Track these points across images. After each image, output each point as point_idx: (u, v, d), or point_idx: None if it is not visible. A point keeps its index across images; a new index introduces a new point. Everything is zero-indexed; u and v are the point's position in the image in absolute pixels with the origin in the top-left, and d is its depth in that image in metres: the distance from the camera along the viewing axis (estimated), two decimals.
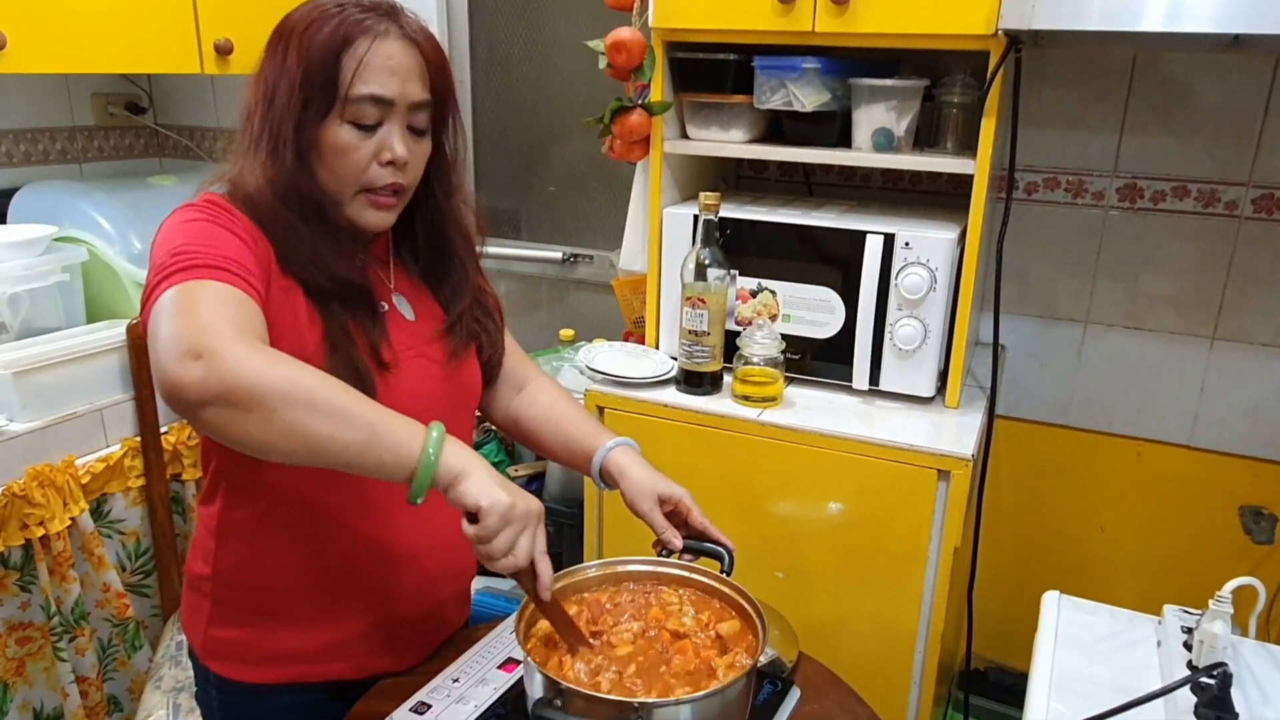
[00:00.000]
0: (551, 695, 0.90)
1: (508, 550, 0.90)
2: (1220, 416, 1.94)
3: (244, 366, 0.82)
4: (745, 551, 1.19)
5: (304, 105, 1.01)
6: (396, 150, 1.04)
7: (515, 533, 0.90)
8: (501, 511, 0.88)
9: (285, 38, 1.03)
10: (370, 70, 1.01)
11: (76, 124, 2.43)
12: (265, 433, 0.84)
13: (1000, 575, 2.15)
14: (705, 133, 1.83)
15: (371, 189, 1.06)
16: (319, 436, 0.84)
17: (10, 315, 1.84)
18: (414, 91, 1.05)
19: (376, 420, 0.87)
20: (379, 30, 1.02)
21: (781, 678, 1.17)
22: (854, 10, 1.56)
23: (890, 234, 1.62)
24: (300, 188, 1.03)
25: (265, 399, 0.82)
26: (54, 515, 1.69)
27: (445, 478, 0.89)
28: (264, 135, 1.03)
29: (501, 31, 2.48)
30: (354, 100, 1.01)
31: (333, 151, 1.03)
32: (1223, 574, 1.10)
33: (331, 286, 1.05)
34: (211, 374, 0.82)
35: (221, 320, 0.86)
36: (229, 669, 1.16)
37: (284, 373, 0.84)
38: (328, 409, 0.85)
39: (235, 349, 0.83)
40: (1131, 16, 1.35)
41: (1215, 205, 1.85)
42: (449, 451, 0.89)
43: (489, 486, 0.89)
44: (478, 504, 0.88)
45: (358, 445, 0.86)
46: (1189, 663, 1.05)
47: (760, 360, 1.68)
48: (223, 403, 0.82)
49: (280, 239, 1.03)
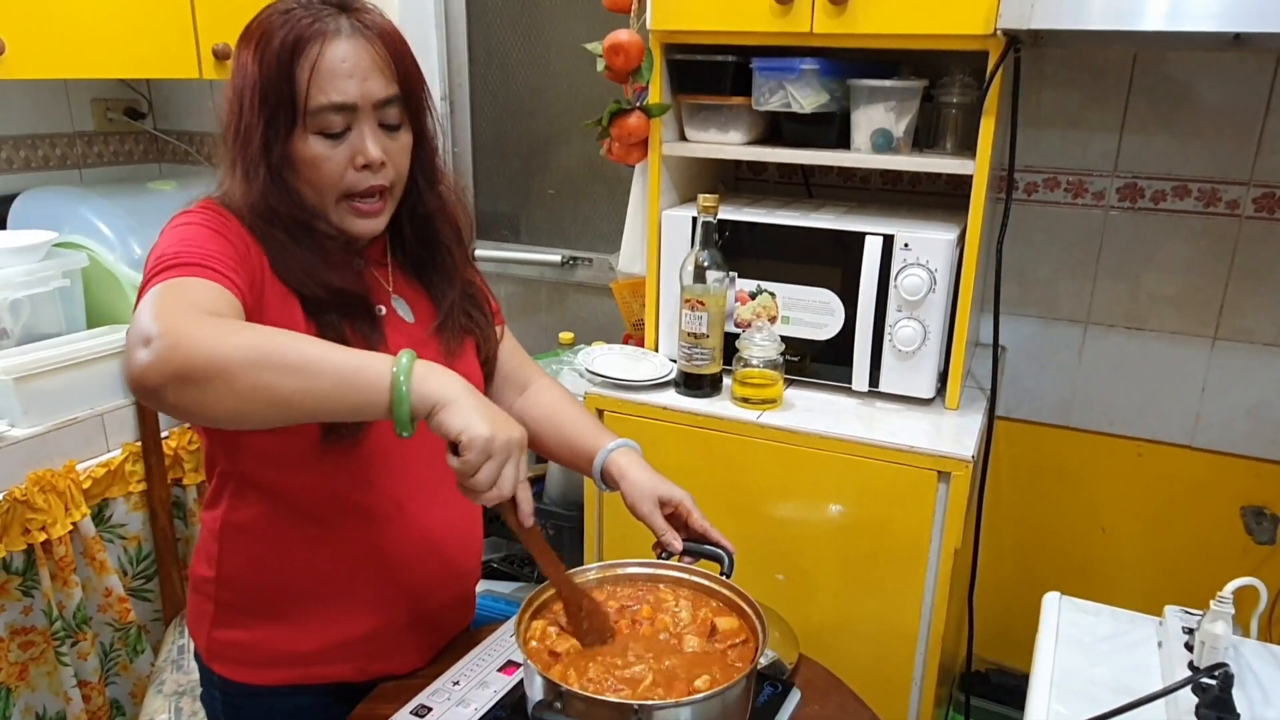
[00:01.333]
0: (551, 698, 0.90)
1: (491, 483, 0.87)
2: (1222, 417, 1.94)
3: (193, 340, 0.80)
4: (745, 553, 1.19)
5: (268, 123, 0.99)
6: (370, 153, 1.02)
7: (498, 465, 0.87)
8: (481, 445, 0.85)
9: (243, 48, 1.02)
10: (325, 77, 0.98)
11: (76, 130, 2.43)
12: (233, 400, 0.81)
13: (1001, 576, 2.14)
14: (704, 134, 1.83)
15: (353, 195, 1.04)
16: (285, 392, 0.82)
17: (11, 321, 1.85)
18: (377, 89, 1.01)
19: (342, 362, 0.85)
20: (329, 30, 0.99)
21: (782, 679, 1.16)
22: (852, 11, 1.56)
23: (889, 235, 1.62)
24: (278, 208, 1.02)
25: (221, 367, 0.80)
26: (55, 520, 1.69)
27: (423, 406, 0.85)
28: (237, 159, 1.01)
29: (500, 35, 2.48)
30: (315, 112, 0.99)
31: (305, 164, 1.01)
32: (1224, 574, 1.09)
33: (327, 296, 1.04)
34: (162, 354, 0.80)
35: (178, 306, 0.85)
36: (232, 671, 1.17)
37: (237, 338, 0.82)
38: (286, 363, 0.82)
39: (185, 326, 0.82)
40: (1132, 16, 1.35)
41: (1216, 204, 1.85)
42: (422, 376, 0.85)
43: (469, 416, 0.85)
44: (456, 435, 0.85)
45: (326, 391, 0.83)
46: (1190, 663, 1.05)
47: (759, 362, 1.68)
48: (182, 381, 0.80)
49: (272, 253, 1.02)
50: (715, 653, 1.01)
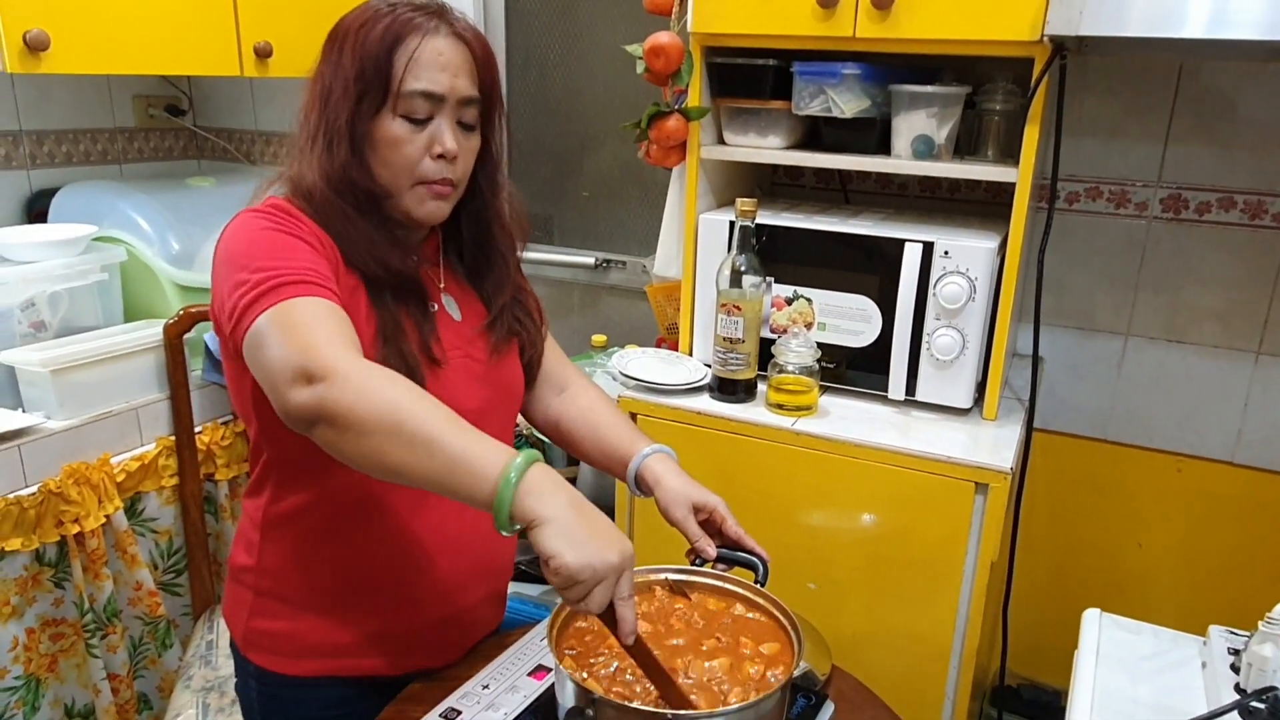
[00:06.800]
0: (583, 704, 0.89)
1: (580, 600, 0.85)
2: (1265, 434, 1.90)
3: (357, 394, 0.86)
4: (778, 561, 1.17)
5: (358, 100, 1.05)
6: (447, 143, 1.07)
7: (586, 590, 0.84)
8: (565, 575, 0.82)
9: (340, 39, 1.07)
10: (421, 66, 1.04)
11: (117, 125, 2.46)
12: (353, 451, 0.88)
13: (1035, 590, 2.11)
14: (742, 138, 1.82)
15: (426, 182, 1.08)
16: (398, 463, 0.86)
17: (50, 314, 1.86)
18: (463, 87, 1.07)
19: (462, 449, 0.85)
20: (429, 28, 1.06)
21: (815, 691, 1.15)
22: (896, 16, 1.54)
23: (929, 242, 1.60)
24: (355, 179, 1.06)
25: (358, 423, 0.86)
26: (89, 513, 1.70)
27: (522, 518, 0.84)
28: (320, 131, 1.06)
29: (538, 36, 2.48)
30: (406, 95, 1.04)
31: (386, 144, 1.06)
32: (1264, 594, 1.07)
33: (386, 276, 1.08)
34: (325, 399, 0.86)
35: (324, 337, 0.91)
36: (269, 661, 1.18)
37: (383, 395, 0.87)
38: (412, 436, 0.85)
39: (353, 374, 0.87)
40: (1176, 23, 1.32)
41: (1263, 217, 1.81)
42: (527, 490, 0.84)
43: (560, 543, 0.82)
44: (547, 560, 0.83)
45: (436, 472, 0.86)
46: (1236, 685, 1.03)
47: (795, 368, 1.66)
48: (329, 423, 0.87)
49: (338, 231, 1.06)
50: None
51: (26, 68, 1.66)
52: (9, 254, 1.85)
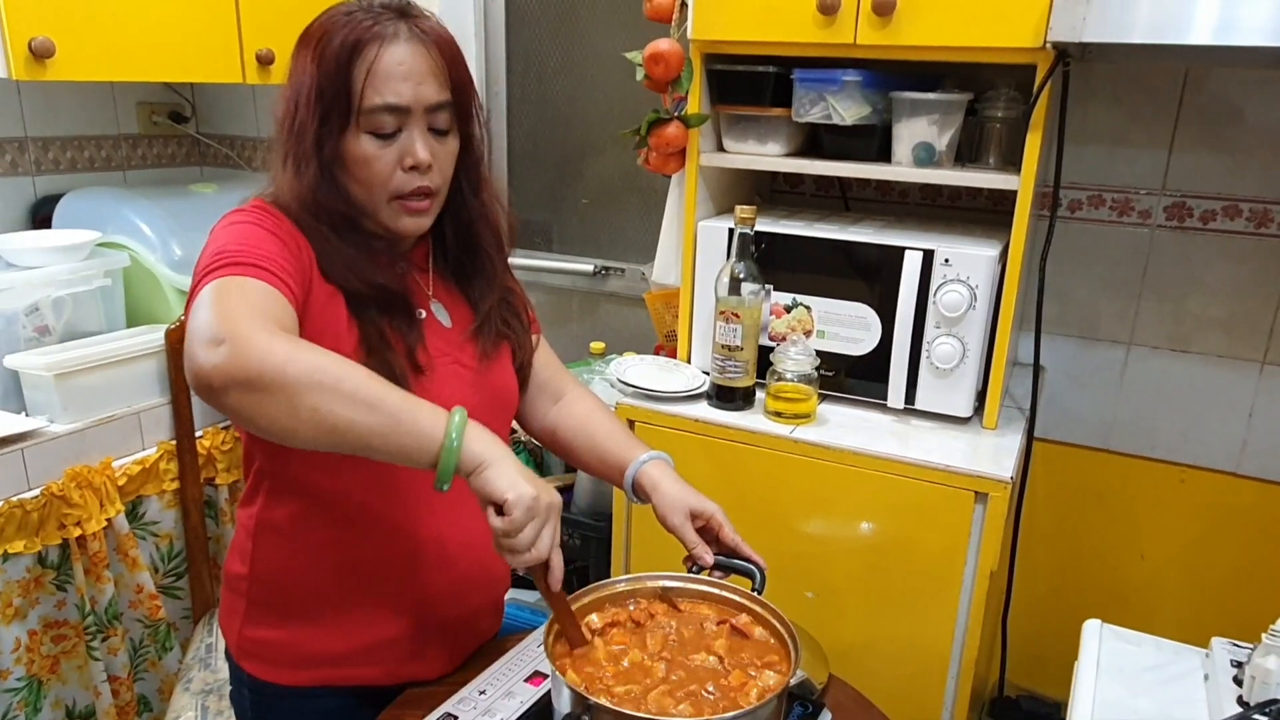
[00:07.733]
0: (579, 710, 0.88)
1: (531, 544, 0.89)
2: (1270, 444, 1.89)
3: (267, 351, 0.83)
4: (775, 569, 1.17)
5: (321, 120, 1.02)
6: (419, 155, 1.04)
7: (539, 526, 0.89)
8: (527, 504, 0.87)
9: (303, 49, 1.05)
10: (380, 79, 1.01)
11: (121, 132, 2.47)
12: (289, 418, 0.84)
13: (1035, 601, 2.10)
14: (742, 145, 1.82)
15: (401, 195, 1.06)
16: (342, 422, 0.85)
17: (53, 318, 1.87)
18: (430, 93, 1.03)
19: (400, 407, 0.88)
20: (387, 34, 1.01)
21: (812, 700, 1.14)
22: (897, 22, 1.54)
23: (929, 250, 1.60)
24: (326, 203, 1.04)
25: (288, 383, 0.83)
26: (91, 516, 1.70)
27: (468, 464, 0.88)
28: (289, 153, 1.04)
29: (538, 44, 2.48)
30: (368, 111, 1.02)
31: (356, 163, 1.04)
32: (1269, 606, 1.06)
33: (369, 292, 1.06)
34: (234, 358, 0.83)
35: (248, 310, 0.88)
36: (263, 670, 1.17)
37: (308, 358, 0.85)
38: (352, 395, 0.85)
39: (259, 335, 0.85)
40: (1181, 29, 1.32)
41: (1269, 225, 1.80)
42: (472, 437, 0.89)
43: (514, 477, 0.88)
44: (503, 495, 0.87)
45: (380, 431, 0.86)
46: (1239, 698, 1.02)
47: (794, 376, 1.66)
48: (246, 387, 0.83)
49: (318, 248, 1.04)
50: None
51: (32, 75, 1.68)
52: (14, 259, 1.86)
